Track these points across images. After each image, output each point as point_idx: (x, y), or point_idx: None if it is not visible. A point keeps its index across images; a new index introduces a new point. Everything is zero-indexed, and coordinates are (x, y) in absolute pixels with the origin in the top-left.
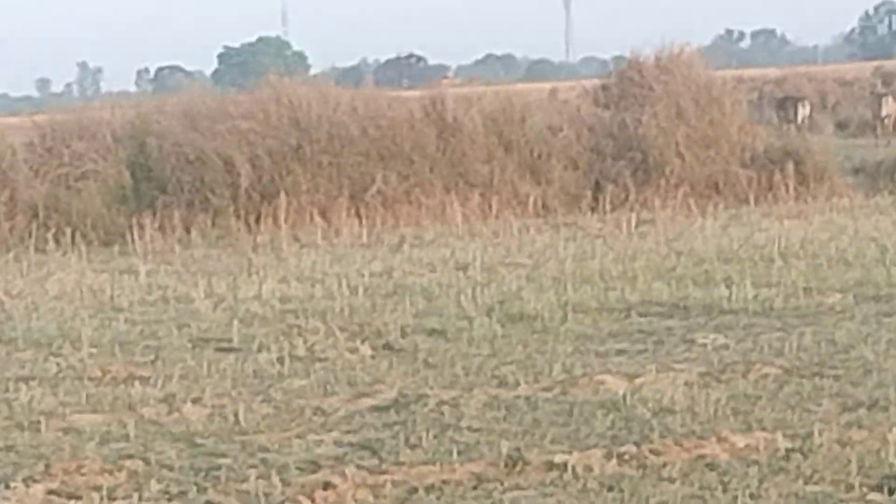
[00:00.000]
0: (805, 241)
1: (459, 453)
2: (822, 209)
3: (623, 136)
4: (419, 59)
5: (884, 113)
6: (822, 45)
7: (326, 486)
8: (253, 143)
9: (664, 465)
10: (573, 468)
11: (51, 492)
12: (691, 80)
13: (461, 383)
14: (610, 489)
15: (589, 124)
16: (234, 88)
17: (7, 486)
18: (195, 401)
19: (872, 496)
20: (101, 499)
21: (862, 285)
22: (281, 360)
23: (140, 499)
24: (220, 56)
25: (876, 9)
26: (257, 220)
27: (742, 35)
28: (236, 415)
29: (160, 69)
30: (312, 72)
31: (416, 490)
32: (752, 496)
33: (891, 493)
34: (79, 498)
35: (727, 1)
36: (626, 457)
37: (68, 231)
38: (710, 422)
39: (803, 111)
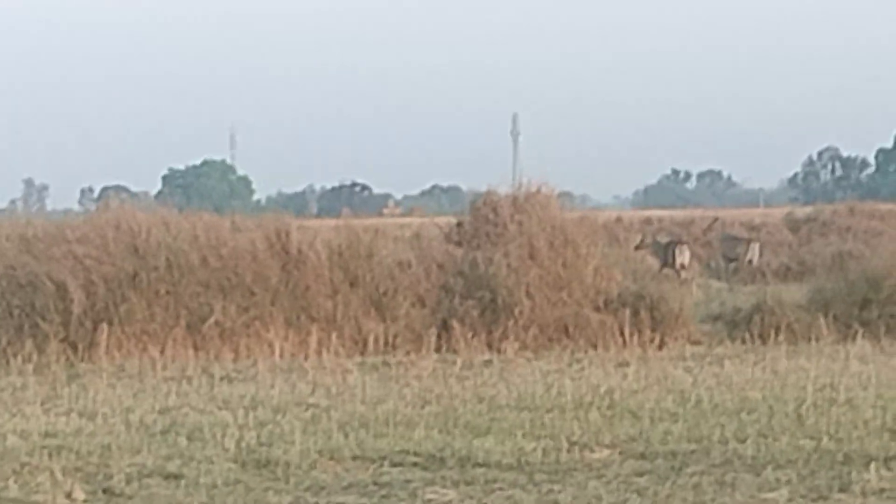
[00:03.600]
0: (609, 391)
1: None
2: (660, 357)
3: (473, 274)
4: (364, 187)
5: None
6: (766, 189)
7: None
8: (88, 268)
9: None
10: None
11: None
12: (546, 221)
13: None
14: None
15: (439, 261)
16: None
17: None
18: None
19: None
20: None
21: (635, 440)
22: None
23: None
24: (165, 177)
25: (819, 154)
26: (88, 347)
27: (688, 175)
28: None
29: (105, 188)
30: (256, 196)
31: None
32: None
33: None
34: None
35: (675, 141)
36: None
37: None
38: None
39: (681, 257)
